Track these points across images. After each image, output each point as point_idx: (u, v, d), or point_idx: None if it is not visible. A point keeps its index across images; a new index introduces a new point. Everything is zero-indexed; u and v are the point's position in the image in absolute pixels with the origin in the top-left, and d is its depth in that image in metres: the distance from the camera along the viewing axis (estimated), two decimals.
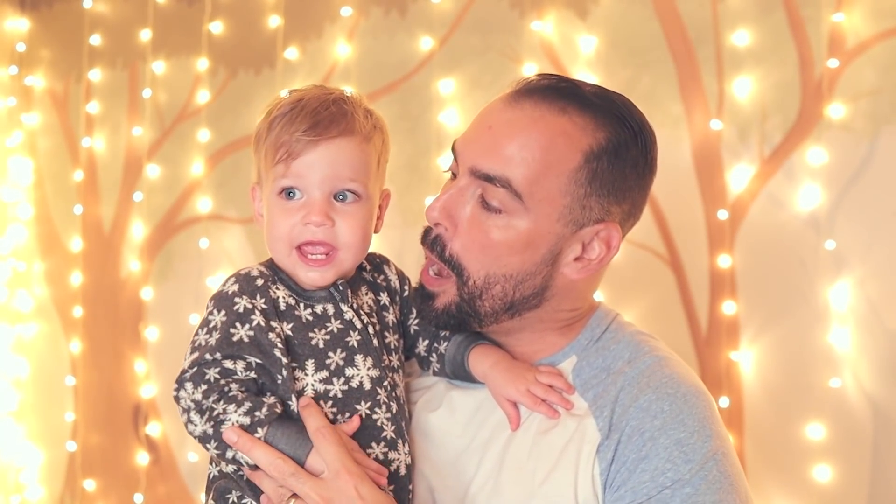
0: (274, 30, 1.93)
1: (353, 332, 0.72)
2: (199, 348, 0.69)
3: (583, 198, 0.69)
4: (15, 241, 2.18)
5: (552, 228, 0.69)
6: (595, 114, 0.69)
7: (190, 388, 0.67)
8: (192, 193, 2.02)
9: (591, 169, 0.69)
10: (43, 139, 2.18)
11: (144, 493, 2.02)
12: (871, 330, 1.49)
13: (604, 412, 0.68)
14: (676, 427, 0.66)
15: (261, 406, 0.66)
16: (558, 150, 0.68)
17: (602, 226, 0.70)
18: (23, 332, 2.17)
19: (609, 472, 0.66)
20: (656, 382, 0.68)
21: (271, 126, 0.71)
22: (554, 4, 1.72)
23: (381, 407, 0.71)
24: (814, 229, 1.52)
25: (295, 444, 0.66)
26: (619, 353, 0.72)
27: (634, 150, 0.71)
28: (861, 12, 1.51)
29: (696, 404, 0.67)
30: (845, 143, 1.51)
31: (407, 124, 1.81)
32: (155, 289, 2.06)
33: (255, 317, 0.68)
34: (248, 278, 0.71)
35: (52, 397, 2.15)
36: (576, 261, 0.71)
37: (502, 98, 0.72)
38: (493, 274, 0.69)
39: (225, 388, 0.67)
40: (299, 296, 0.72)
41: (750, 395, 1.56)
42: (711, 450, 0.65)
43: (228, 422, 0.65)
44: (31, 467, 2.16)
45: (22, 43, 2.19)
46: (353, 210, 0.71)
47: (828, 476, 1.49)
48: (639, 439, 0.66)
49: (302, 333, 0.70)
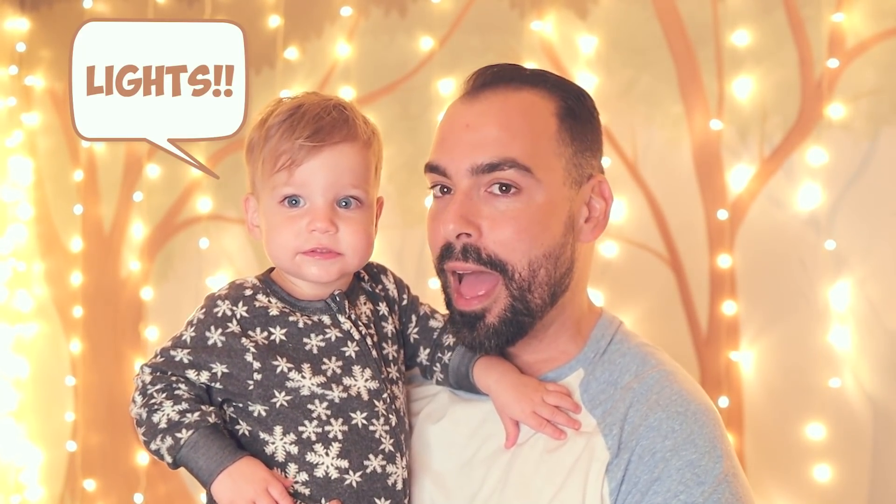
0: (274, 30, 1.91)
1: (351, 342, 0.70)
2: (173, 339, 0.70)
3: (572, 156, 0.71)
4: (15, 241, 2.16)
5: (562, 192, 0.70)
6: (542, 85, 0.72)
7: (146, 371, 0.69)
8: (191, 193, 2.00)
9: (566, 128, 0.71)
10: (43, 139, 2.17)
11: (144, 492, 2.00)
12: (871, 330, 1.47)
13: (613, 430, 0.67)
14: (688, 448, 0.65)
15: (195, 410, 0.66)
16: (536, 119, 0.70)
17: (594, 180, 0.73)
18: (23, 332, 2.15)
19: (619, 492, 0.65)
20: (665, 400, 0.67)
21: (268, 134, 0.68)
22: (554, 4, 1.71)
23: (378, 419, 0.69)
24: (814, 229, 1.51)
25: (211, 460, 0.65)
26: (625, 367, 0.71)
27: (585, 106, 0.73)
28: (861, 12, 1.50)
29: (705, 423, 0.67)
30: (845, 143, 1.50)
31: (407, 124, 1.79)
32: (155, 289, 2.04)
33: (231, 324, 0.68)
34: (238, 287, 0.71)
35: (52, 397, 2.13)
36: (586, 222, 0.72)
37: (460, 101, 0.73)
38: (535, 258, 0.69)
39: (174, 384, 0.68)
40: (293, 306, 0.71)
41: (750, 396, 1.55)
42: (723, 472, 0.64)
43: (160, 412, 0.66)
44: (31, 467, 2.14)
45: (22, 43, 2.17)
46: (356, 216, 0.70)
47: (828, 476, 1.47)
48: (650, 460, 0.65)
49: (296, 339, 0.69)
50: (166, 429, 0.65)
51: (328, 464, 0.67)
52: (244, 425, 0.68)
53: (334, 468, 0.67)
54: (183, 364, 0.68)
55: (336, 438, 0.67)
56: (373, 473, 0.67)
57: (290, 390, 0.67)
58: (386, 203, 0.77)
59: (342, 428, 0.67)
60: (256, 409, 0.67)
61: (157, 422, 0.66)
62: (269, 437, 0.67)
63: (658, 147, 1.62)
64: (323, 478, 0.66)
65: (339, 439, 0.67)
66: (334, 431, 0.67)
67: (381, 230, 0.74)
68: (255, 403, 0.67)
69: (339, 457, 0.67)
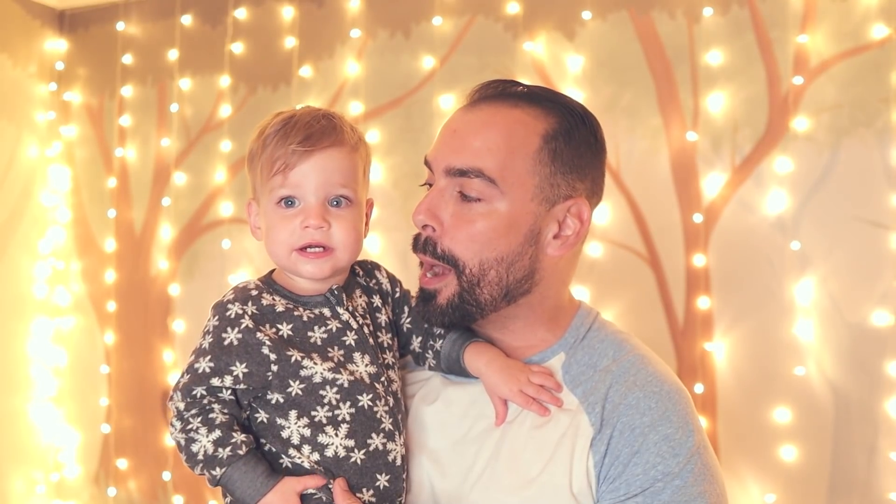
0: (290, 50, 1.97)
1: (350, 332, 0.72)
2: (195, 351, 0.70)
3: (549, 176, 0.70)
4: (54, 242, 2.22)
5: (528, 207, 0.70)
6: (543, 105, 0.73)
7: (178, 397, 0.69)
8: (215, 199, 2.06)
9: (550, 149, 0.71)
10: (80, 149, 2.23)
11: (172, 471, 2.07)
12: (833, 323, 1.52)
13: (595, 408, 0.69)
14: (664, 424, 0.67)
15: (227, 443, 0.67)
16: (518, 136, 0.70)
17: (571, 201, 0.72)
18: (61, 325, 2.21)
19: (603, 464, 0.67)
20: (642, 381, 0.69)
21: (265, 143, 0.71)
22: (544, 27, 1.76)
23: (381, 400, 0.71)
24: (780, 231, 1.56)
25: (246, 492, 0.66)
26: (603, 351, 0.73)
27: (584, 131, 0.73)
28: (823, 34, 1.56)
29: (678, 401, 0.69)
30: (809, 153, 1.55)
31: (411, 136, 1.84)
32: (181, 285, 2.09)
33: (243, 321, 0.69)
34: (243, 289, 0.72)
35: (88, 384, 2.19)
36: (555, 238, 0.72)
37: (461, 108, 0.75)
38: (486, 259, 0.70)
39: (207, 406, 0.68)
40: (296, 302, 0.72)
41: (722, 382, 1.60)
42: (695, 444, 0.67)
43: (197, 443, 0.67)
44: (68, 448, 2.20)
45: (61, 62, 2.24)
46: (346, 214, 0.72)
47: (793, 455, 1.53)
48: (630, 435, 0.67)
49: (302, 332, 0.70)
50: (203, 462, 0.67)
51: (337, 444, 0.68)
52: (262, 413, 0.69)
53: (342, 447, 0.68)
54: (206, 374, 0.68)
55: (344, 420, 0.69)
56: (375, 451, 0.69)
57: (304, 378, 0.69)
58: (391, 207, 0.79)
59: (350, 410, 0.69)
60: (274, 398, 0.69)
61: (195, 452, 0.67)
62: (286, 422, 0.69)
63: (639, 156, 1.66)
64: (332, 457, 0.68)
65: (346, 421, 0.69)
66: (343, 414, 0.69)
67: (386, 232, 0.78)
68: (273, 392, 0.68)
69: (347, 437, 0.69)
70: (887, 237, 1.51)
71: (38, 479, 2.18)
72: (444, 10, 1.85)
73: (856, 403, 1.51)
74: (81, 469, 2.20)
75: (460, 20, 1.83)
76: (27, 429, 2.16)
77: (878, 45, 1.52)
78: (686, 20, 1.65)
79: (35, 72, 2.20)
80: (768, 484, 1.56)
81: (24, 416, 2.16)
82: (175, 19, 2.12)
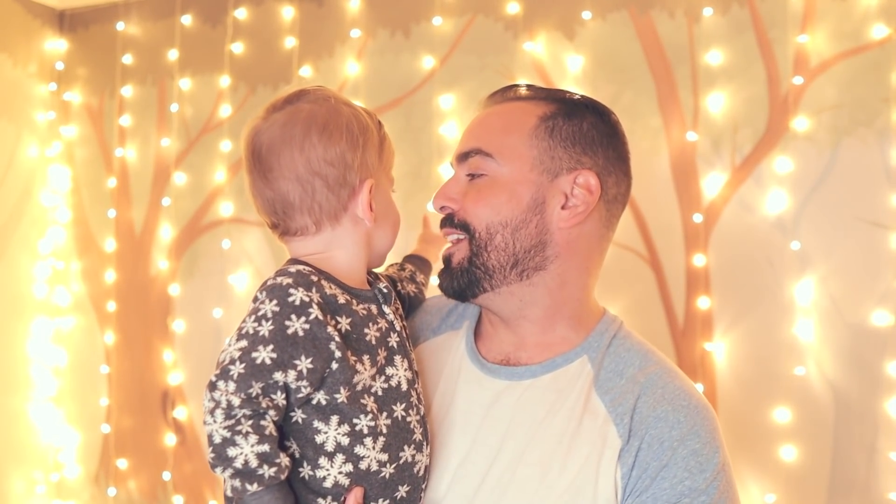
0: (290, 50, 1.94)
1: (394, 333, 0.68)
2: (246, 336, 0.60)
3: (548, 149, 0.72)
4: (54, 242, 2.19)
5: (528, 176, 0.72)
6: (546, 97, 0.75)
7: (232, 387, 0.58)
8: (215, 199, 2.03)
9: (547, 126, 0.73)
10: (80, 149, 2.20)
11: (172, 471, 2.04)
12: (833, 323, 1.50)
13: (623, 419, 0.68)
14: (692, 439, 0.67)
15: (272, 462, 0.59)
16: (515, 117, 0.74)
17: (576, 172, 0.72)
18: (61, 325, 2.18)
19: (630, 476, 0.66)
20: (670, 395, 0.69)
21: (381, 135, 0.72)
22: (544, 27, 1.73)
23: (413, 409, 0.67)
24: (780, 231, 1.53)
25: None
26: (629, 361, 0.72)
27: (591, 117, 0.74)
28: (823, 34, 1.53)
29: (706, 417, 0.68)
30: (809, 153, 1.52)
31: (410, 136, 1.82)
32: (181, 285, 2.06)
33: (312, 310, 0.61)
34: (301, 274, 0.63)
35: (88, 384, 2.16)
36: (563, 209, 0.72)
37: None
38: (492, 223, 0.71)
39: (262, 411, 0.59)
40: (351, 294, 0.67)
41: (722, 382, 1.57)
42: (721, 461, 0.67)
43: (239, 449, 0.58)
44: (68, 448, 2.17)
45: (61, 62, 2.21)
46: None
47: (793, 455, 1.50)
48: (659, 448, 0.66)
49: (359, 329, 0.65)
50: (239, 471, 0.58)
51: (372, 457, 0.63)
52: (299, 413, 0.62)
53: (376, 461, 0.64)
54: (267, 366, 0.58)
55: (382, 432, 0.64)
56: (404, 463, 0.65)
57: (353, 385, 0.63)
58: None
59: (386, 422, 0.65)
60: (317, 398, 0.62)
61: (232, 457, 0.58)
62: (325, 426, 0.62)
63: (639, 156, 1.59)
64: (364, 470, 0.63)
65: (383, 433, 0.64)
66: (380, 425, 0.64)
67: None
68: (318, 392, 0.62)
69: (382, 450, 0.64)
70: (887, 237, 1.48)
71: (38, 479, 2.15)
72: (444, 10, 1.81)
73: (856, 403, 1.48)
74: (81, 469, 2.17)
75: (460, 20, 1.80)
76: (27, 429, 2.12)
77: (878, 45, 1.49)
78: (686, 20, 1.62)
79: (35, 72, 2.17)
80: (768, 484, 1.53)
81: (24, 416, 2.12)
82: (175, 19, 2.08)
